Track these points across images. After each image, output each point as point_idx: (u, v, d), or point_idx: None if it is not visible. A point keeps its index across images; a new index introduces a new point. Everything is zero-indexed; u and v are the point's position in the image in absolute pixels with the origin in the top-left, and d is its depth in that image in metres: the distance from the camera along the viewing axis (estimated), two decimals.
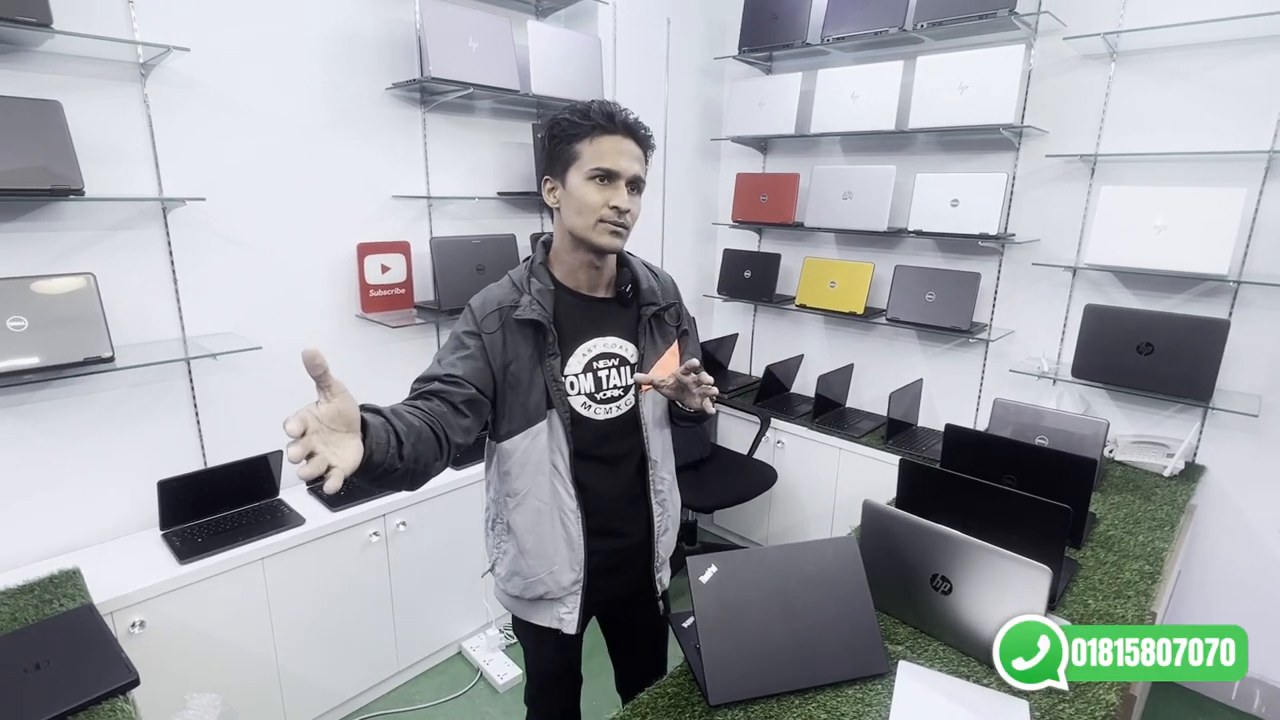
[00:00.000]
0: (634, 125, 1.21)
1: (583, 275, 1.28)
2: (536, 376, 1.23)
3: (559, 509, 1.28)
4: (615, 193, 1.18)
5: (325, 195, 2.22)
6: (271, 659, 1.95)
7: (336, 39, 2.17)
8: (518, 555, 1.32)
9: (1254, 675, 2.28)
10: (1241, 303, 2.19)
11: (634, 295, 1.32)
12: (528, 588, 1.33)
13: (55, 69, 1.68)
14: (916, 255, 2.89)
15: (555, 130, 1.21)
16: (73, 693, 1.19)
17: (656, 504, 1.38)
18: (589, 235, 1.20)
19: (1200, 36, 2.13)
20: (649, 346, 1.32)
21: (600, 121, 1.18)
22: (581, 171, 1.18)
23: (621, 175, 1.19)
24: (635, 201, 1.22)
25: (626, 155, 1.19)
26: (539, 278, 1.26)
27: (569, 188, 1.20)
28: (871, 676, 1.20)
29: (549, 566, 1.30)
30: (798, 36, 2.90)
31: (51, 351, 1.63)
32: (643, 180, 1.23)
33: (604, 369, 1.29)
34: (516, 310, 1.21)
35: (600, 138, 1.18)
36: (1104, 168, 2.39)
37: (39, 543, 1.79)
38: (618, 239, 1.22)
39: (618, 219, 1.19)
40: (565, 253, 1.27)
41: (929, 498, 1.51)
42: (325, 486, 0.80)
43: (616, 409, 1.30)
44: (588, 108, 1.19)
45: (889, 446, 2.62)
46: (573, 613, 1.33)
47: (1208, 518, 2.31)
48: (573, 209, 1.21)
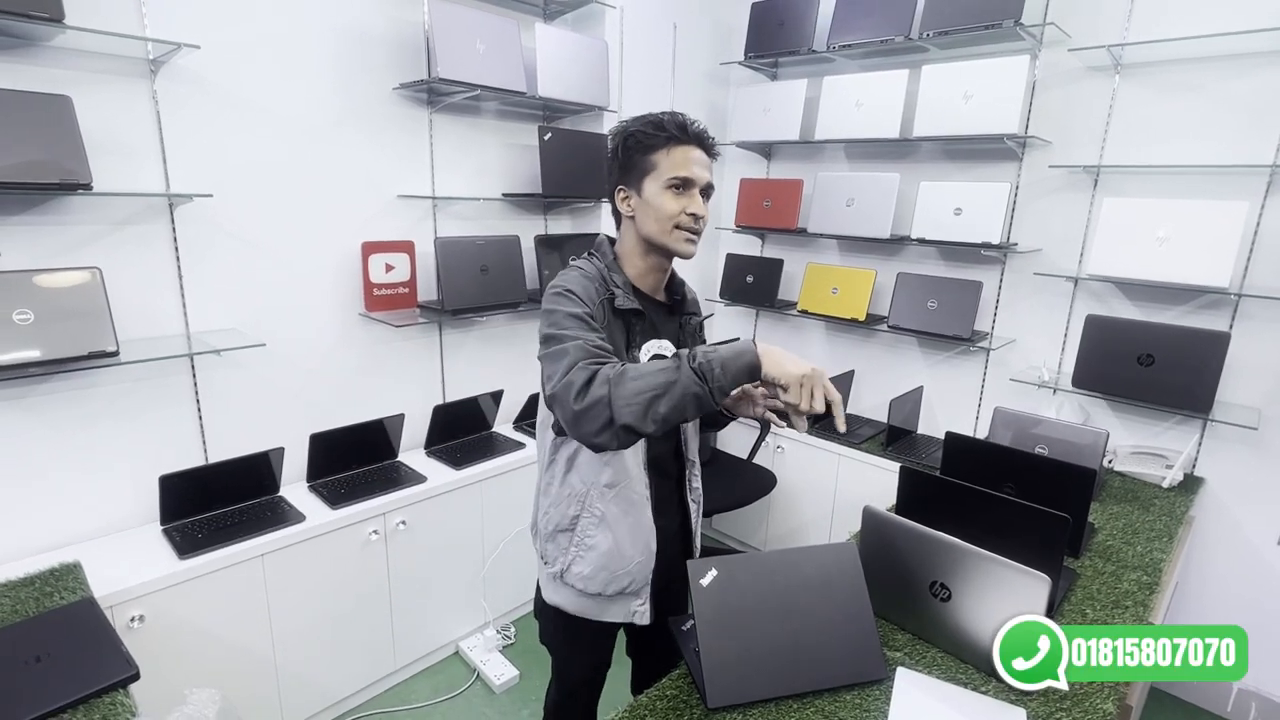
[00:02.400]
0: (704, 135, 1.26)
1: (649, 279, 1.33)
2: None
3: (639, 499, 1.33)
4: (691, 200, 1.24)
5: (331, 194, 2.23)
6: (269, 655, 1.96)
7: (345, 38, 2.18)
8: (613, 549, 1.31)
9: (1249, 687, 2.28)
10: (1242, 315, 2.19)
11: (680, 303, 1.40)
12: (613, 581, 1.33)
13: (66, 64, 1.69)
14: (919, 263, 2.90)
15: (630, 142, 1.25)
16: (73, 686, 1.19)
17: (692, 500, 1.46)
18: (666, 241, 1.25)
19: (1204, 50, 2.14)
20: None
21: (674, 132, 1.23)
22: (659, 181, 1.23)
23: (696, 183, 1.24)
24: (707, 208, 1.27)
25: (700, 164, 1.24)
26: (616, 273, 1.29)
27: (645, 196, 1.24)
28: (870, 682, 1.21)
29: (638, 556, 1.33)
30: (804, 43, 2.91)
31: (56, 345, 1.63)
32: (713, 187, 1.28)
33: None
34: (617, 300, 1.25)
35: (675, 148, 1.23)
36: (1107, 179, 2.40)
37: (40, 535, 1.80)
38: (692, 244, 1.27)
39: (694, 225, 1.25)
40: (636, 257, 1.31)
41: (929, 505, 1.52)
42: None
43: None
44: (660, 119, 1.23)
45: (889, 453, 2.63)
46: (645, 604, 1.37)
47: (1206, 529, 2.32)
48: (650, 216, 1.25)
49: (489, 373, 2.77)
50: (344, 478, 2.25)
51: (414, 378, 2.58)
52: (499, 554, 2.49)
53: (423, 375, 2.61)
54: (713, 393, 1.02)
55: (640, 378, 1.02)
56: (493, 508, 2.45)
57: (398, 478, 2.28)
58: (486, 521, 2.45)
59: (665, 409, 1.02)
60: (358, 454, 2.32)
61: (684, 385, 1.01)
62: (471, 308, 2.45)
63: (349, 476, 2.26)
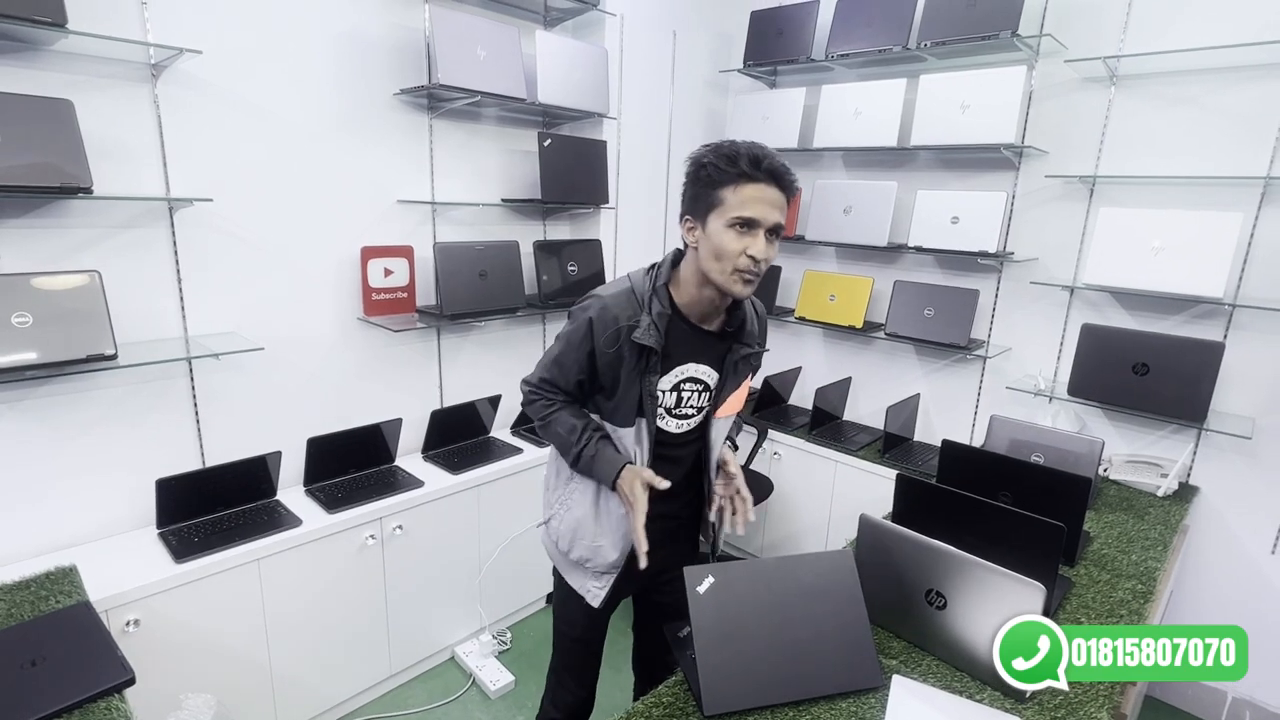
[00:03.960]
0: (780, 172, 1.20)
1: (699, 309, 1.32)
2: (634, 386, 1.31)
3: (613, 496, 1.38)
4: (754, 241, 1.20)
5: (331, 198, 2.23)
6: (265, 660, 1.95)
7: (346, 44, 2.19)
8: (584, 517, 1.41)
9: (1244, 696, 2.29)
10: (1236, 325, 2.21)
11: (736, 333, 1.37)
12: (575, 548, 1.43)
13: (68, 68, 1.70)
14: (916, 271, 2.91)
15: (700, 174, 1.23)
16: (69, 690, 1.19)
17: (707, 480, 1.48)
18: (722, 281, 1.23)
19: (1200, 63, 2.16)
20: (730, 378, 1.39)
21: (746, 170, 1.18)
22: (723, 218, 1.20)
23: (762, 224, 1.19)
24: (772, 248, 1.23)
25: (768, 203, 1.19)
26: (660, 299, 1.29)
27: (708, 231, 1.22)
28: (865, 690, 1.21)
29: (599, 540, 1.41)
30: (802, 52, 2.93)
31: (55, 348, 1.63)
32: (783, 226, 1.23)
33: (689, 391, 1.37)
34: (635, 332, 1.26)
35: (744, 185, 1.18)
36: (1103, 189, 2.42)
37: (36, 539, 1.79)
38: (749, 287, 1.24)
39: (753, 268, 1.21)
40: (693, 286, 1.29)
41: (925, 512, 1.52)
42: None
43: (688, 425, 1.40)
44: (735, 152, 1.19)
45: (886, 460, 2.63)
46: (603, 589, 1.44)
47: (1200, 538, 2.33)
48: (710, 253, 1.22)
49: (487, 378, 2.77)
50: (341, 482, 2.25)
51: (412, 382, 2.58)
52: (495, 559, 2.49)
53: (420, 380, 2.61)
54: (582, 474, 1.39)
55: (554, 435, 1.38)
56: (490, 513, 2.45)
57: (395, 482, 2.28)
58: (483, 526, 2.45)
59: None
60: (355, 458, 2.32)
61: (569, 459, 1.38)
62: (470, 313, 2.46)
63: (346, 481, 2.26)
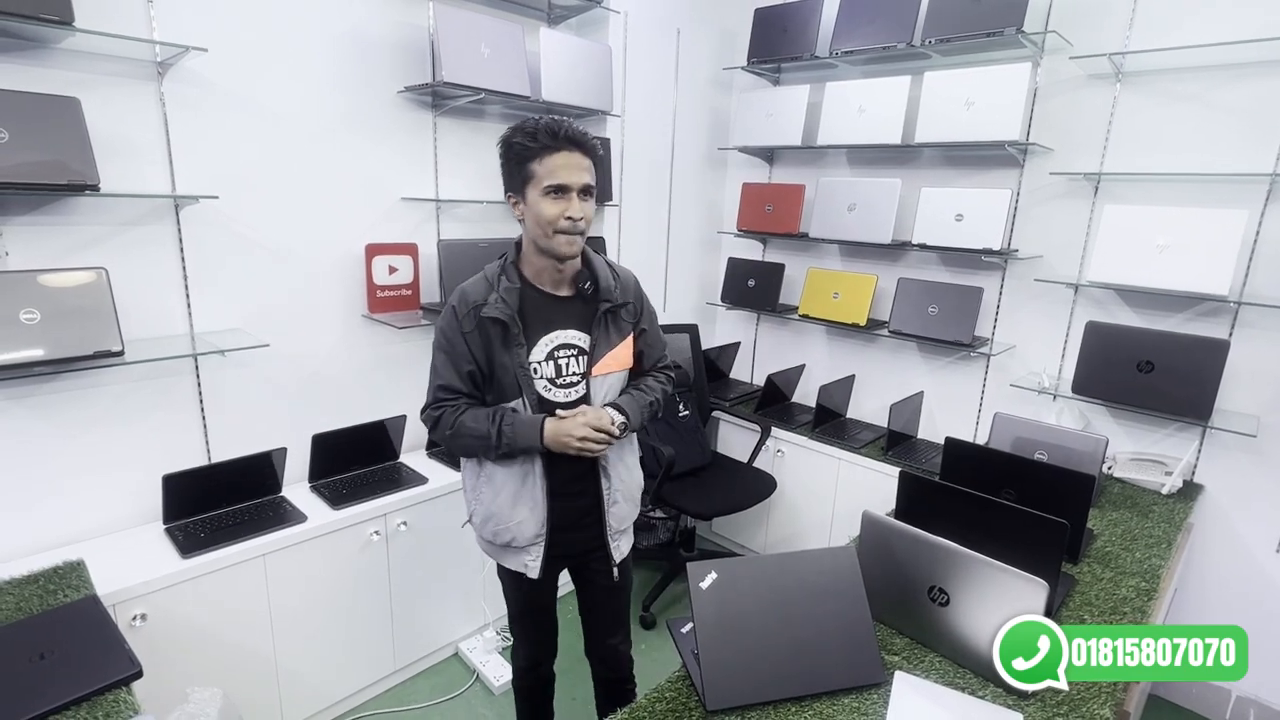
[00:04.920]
0: (577, 137, 1.34)
1: (547, 276, 1.45)
2: (507, 363, 1.41)
3: (530, 473, 1.48)
4: (569, 204, 1.33)
5: (335, 196, 2.24)
6: (270, 655, 1.96)
7: (351, 42, 2.20)
8: (491, 504, 1.50)
9: (1248, 694, 2.28)
10: (1242, 323, 2.20)
11: (594, 292, 1.47)
12: (497, 534, 1.52)
13: (74, 66, 1.71)
14: (920, 268, 2.91)
15: (509, 153, 1.37)
16: (77, 683, 1.20)
17: (604, 478, 1.54)
18: (549, 245, 1.37)
19: (1206, 59, 2.15)
20: (601, 337, 1.48)
21: (546, 141, 1.32)
22: (538, 188, 1.34)
23: (572, 188, 1.33)
24: (587, 206, 1.37)
25: (575, 168, 1.33)
26: (509, 276, 1.42)
27: (529, 202, 1.36)
28: (868, 686, 1.21)
29: (516, 518, 1.49)
30: (806, 49, 2.93)
31: (63, 344, 1.64)
32: (593, 186, 1.38)
33: (564, 358, 1.46)
34: (484, 308, 1.38)
35: (549, 156, 1.32)
36: (1107, 186, 2.41)
37: (44, 533, 1.80)
38: (573, 245, 1.38)
39: (572, 228, 1.35)
40: (533, 255, 1.43)
41: (928, 510, 1.52)
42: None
43: (576, 393, 1.48)
44: (535, 128, 1.32)
45: (889, 458, 2.63)
46: (536, 560, 1.53)
47: (1205, 536, 2.32)
48: (534, 221, 1.36)
49: None
50: (346, 478, 2.26)
51: (416, 379, 2.57)
52: None
53: (425, 377, 2.59)
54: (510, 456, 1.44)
55: (465, 437, 1.43)
56: None
57: (399, 479, 2.29)
58: None
59: (482, 457, 1.47)
60: (359, 455, 2.33)
61: (491, 452, 1.42)
62: None
63: (351, 477, 2.27)
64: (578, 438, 1.39)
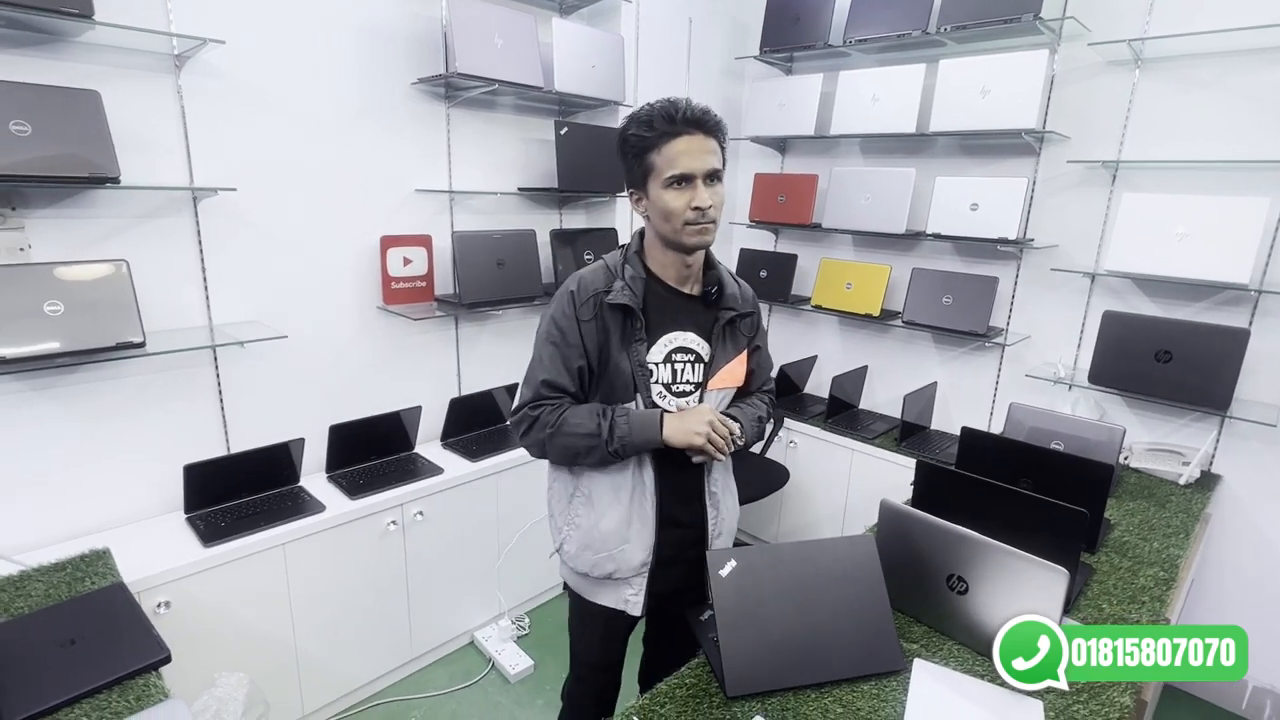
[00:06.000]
0: (699, 118, 1.22)
1: (673, 270, 1.33)
2: (624, 360, 1.29)
3: (639, 488, 1.34)
4: (695, 193, 1.21)
5: (350, 187, 2.25)
6: (290, 642, 1.99)
7: (366, 34, 2.20)
8: (593, 529, 1.35)
9: (1265, 685, 2.27)
10: (1262, 312, 2.18)
11: (718, 297, 1.36)
12: (597, 565, 1.36)
13: (94, 59, 1.72)
14: (934, 258, 2.89)
15: (626, 148, 1.26)
16: (107, 668, 1.23)
17: (710, 505, 1.41)
18: (678, 238, 1.25)
19: (1226, 45, 2.12)
20: (720, 348, 1.36)
21: (664, 128, 1.20)
22: (659, 181, 1.22)
23: (696, 174, 1.21)
24: (716, 192, 1.24)
25: (697, 153, 1.21)
26: (633, 265, 1.31)
27: (652, 198, 1.24)
28: (887, 673, 1.22)
29: (621, 543, 1.34)
30: (819, 38, 2.91)
31: (86, 335, 1.66)
32: (720, 170, 1.25)
33: (681, 362, 1.34)
34: (609, 295, 1.27)
35: (667, 144, 1.20)
36: (1126, 174, 2.38)
37: (69, 522, 1.83)
38: (705, 235, 1.26)
39: (702, 219, 1.23)
40: (658, 250, 1.32)
41: (945, 499, 1.52)
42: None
43: (689, 403, 1.35)
44: (650, 116, 1.21)
45: (902, 449, 2.63)
46: (638, 594, 1.38)
47: (1222, 526, 2.31)
48: (659, 216, 1.25)
49: (504, 366, 2.79)
50: (362, 469, 2.28)
51: (431, 370, 2.60)
52: (514, 545, 2.51)
53: (439, 368, 2.63)
54: (623, 455, 1.28)
55: (570, 435, 1.27)
56: (508, 499, 2.48)
57: (415, 469, 2.30)
58: (502, 513, 2.48)
59: (585, 461, 1.31)
60: (376, 445, 2.35)
61: (601, 450, 1.27)
62: (487, 301, 2.47)
63: (367, 467, 2.29)
64: (703, 432, 1.26)
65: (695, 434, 1.26)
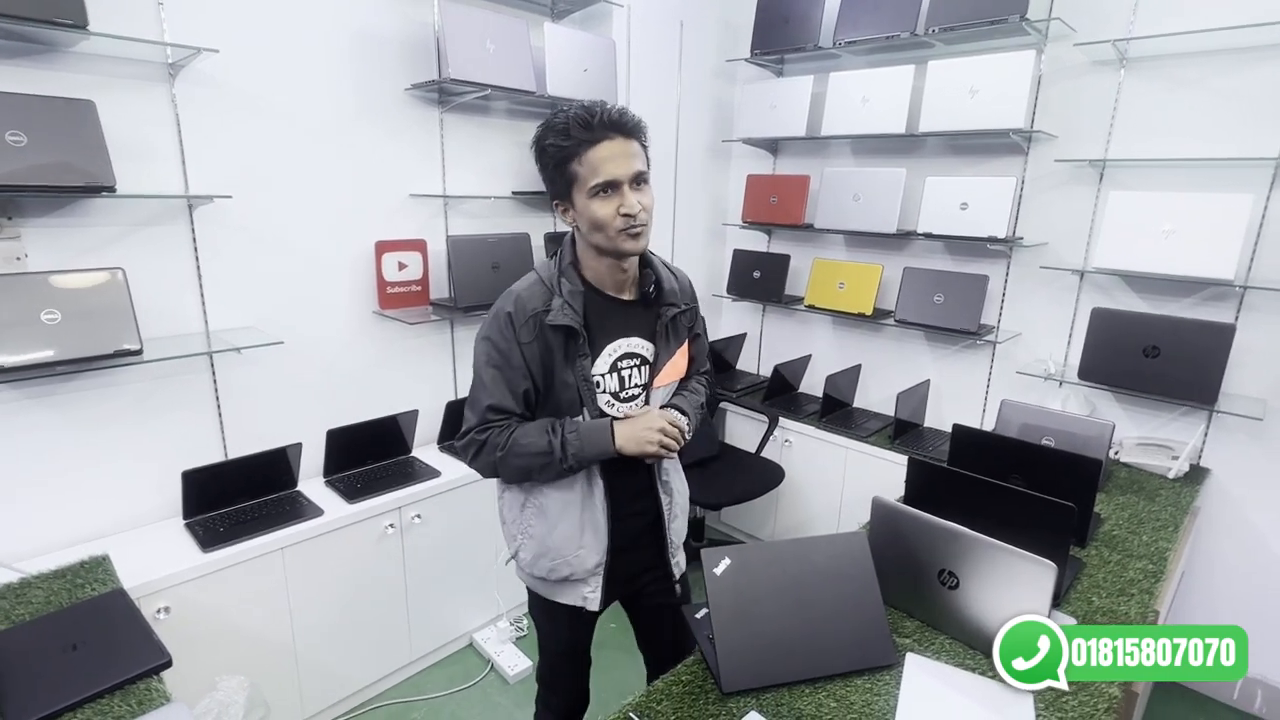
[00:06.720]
0: (618, 121, 1.17)
1: (609, 278, 1.30)
2: (569, 376, 1.27)
3: (589, 498, 1.35)
4: (623, 199, 1.17)
5: (345, 193, 2.27)
6: (290, 645, 2.00)
7: (358, 40, 2.21)
8: (546, 537, 1.36)
9: (1255, 676, 2.30)
10: (1248, 307, 2.21)
11: (657, 296, 1.34)
12: (554, 570, 1.37)
13: (89, 69, 1.73)
14: (925, 257, 2.92)
15: (545, 159, 1.21)
16: (109, 672, 1.24)
17: (664, 493, 1.44)
18: (612, 245, 1.21)
19: (1210, 44, 2.15)
20: (663, 346, 1.36)
21: (582, 136, 1.15)
22: (584, 191, 1.18)
23: (622, 180, 1.17)
24: (645, 194, 1.21)
25: (620, 157, 1.16)
26: (569, 279, 1.27)
27: (578, 208, 1.21)
28: (880, 667, 1.24)
29: (576, 549, 1.35)
30: (809, 40, 2.93)
31: (83, 343, 1.67)
32: (645, 171, 1.21)
33: (627, 368, 1.33)
34: (549, 315, 1.23)
35: (588, 151, 1.16)
36: (1112, 173, 2.41)
37: (68, 529, 1.84)
38: (640, 241, 1.22)
39: (634, 224, 1.19)
40: (592, 258, 1.28)
41: (937, 496, 1.54)
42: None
43: (637, 406, 1.36)
44: (567, 124, 1.16)
45: (896, 446, 2.65)
46: (596, 592, 1.39)
47: (1211, 519, 2.34)
48: (589, 226, 1.21)
49: None
50: (360, 473, 2.29)
51: (427, 374, 2.62)
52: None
53: (435, 372, 2.64)
54: (577, 469, 1.29)
55: (522, 455, 1.26)
56: None
57: (412, 472, 2.32)
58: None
59: (540, 477, 1.31)
60: (373, 449, 2.36)
61: (555, 467, 1.27)
62: (483, 305, 2.48)
63: (365, 471, 2.31)
64: (655, 440, 1.26)
65: (648, 442, 1.26)
